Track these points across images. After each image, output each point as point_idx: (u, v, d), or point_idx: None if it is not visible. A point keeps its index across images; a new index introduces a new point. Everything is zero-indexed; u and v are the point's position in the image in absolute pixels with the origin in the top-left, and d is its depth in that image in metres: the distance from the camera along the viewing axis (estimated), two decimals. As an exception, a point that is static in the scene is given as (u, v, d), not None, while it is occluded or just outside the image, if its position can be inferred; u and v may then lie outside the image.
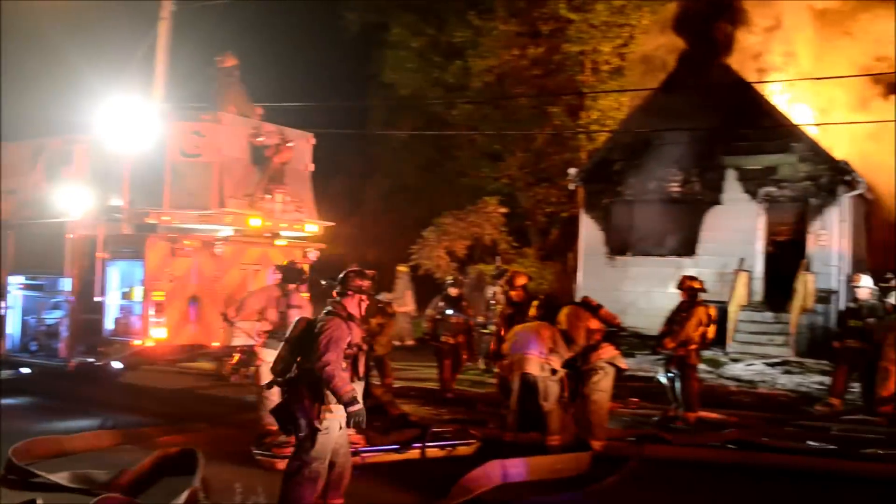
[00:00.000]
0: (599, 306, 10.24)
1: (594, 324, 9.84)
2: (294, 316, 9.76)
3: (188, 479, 7.12)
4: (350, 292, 6.59)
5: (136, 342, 11.75)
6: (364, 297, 6.67)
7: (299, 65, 30.19)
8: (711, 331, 11.77)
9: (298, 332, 6.50)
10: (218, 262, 12.24)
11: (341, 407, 6.21)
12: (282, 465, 8.06)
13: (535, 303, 10.93)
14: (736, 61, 23.25)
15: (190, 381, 14.38)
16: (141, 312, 11.79)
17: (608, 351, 9.80)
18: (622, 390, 11.03)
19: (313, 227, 13.51)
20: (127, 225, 12.22)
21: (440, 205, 27.69)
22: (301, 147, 13.44)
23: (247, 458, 8.36)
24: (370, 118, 31.47)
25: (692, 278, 11.95)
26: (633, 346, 17.90)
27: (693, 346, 11.53)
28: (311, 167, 13.79)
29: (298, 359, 6.40)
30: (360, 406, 6.25)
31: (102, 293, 12.13)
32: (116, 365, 12.31)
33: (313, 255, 13.36)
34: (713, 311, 11.87)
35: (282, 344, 6.59)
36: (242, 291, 12.24)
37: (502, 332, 11.23)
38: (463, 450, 8.94)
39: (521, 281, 12.25)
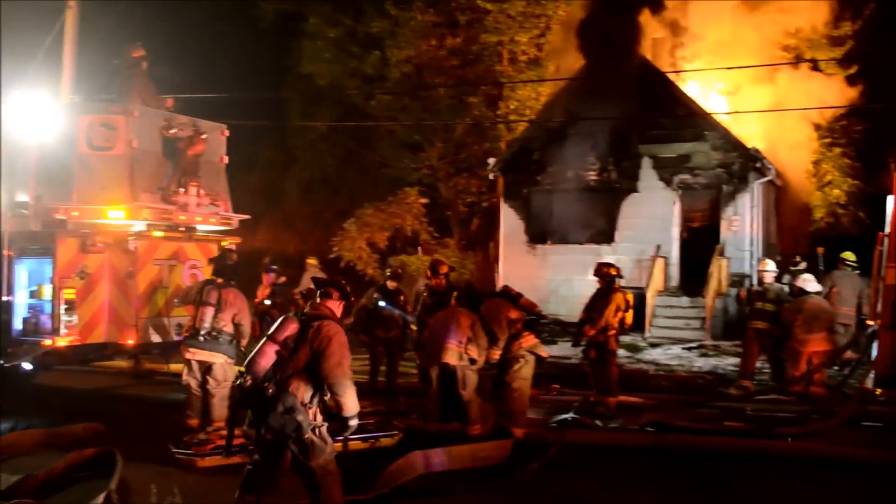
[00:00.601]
0: (519, 295, 10.31)
1: (515, 313, 9.90)
2: (210, 312, 9.63)
3: (105, 481, 6.92)
4: (336, 295, 6.46)
5: (47, 342, 11.35)
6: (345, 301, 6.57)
7: (213, 55, 29.63)
8: (629, 316, 11.98)
9: (293, 332, 6.29)
10: (131, 258, 11.90)
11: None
12: (203, 463, 7.92)
13: (454, 293, 10.94)
14: (650, 51, 23.69)
15: (105, 380, 14.00)
16: (51, 311, 11.41)
17: (529, 339, 9.87)
18: (543, 377, 11.11)
19: (229, 221, 13.26)
20: (34, 221, 11.81)
21: (360, 196, 27.52)
22: (215, 139, 13.17)
23: (167, 457, 8.17)
24: (287, 109, 31.04)
25: (608, 265, 12.13)
26: (554, 334, 18.11)
27: (612, 332, 11.71)
28: (226, 159, 13.53)
29: (296, 360, 6.17)
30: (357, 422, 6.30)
31: (10, 292, 11.71)
32: (27, 366, 11.90)
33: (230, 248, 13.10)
34: (630, 297, 12.07)
35: (264, 341, 6.28)
36: (158, 287, 12.00)
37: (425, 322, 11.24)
38: (385, 441, 8.91)
39: (443, 270, 12.23)
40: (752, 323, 13.21)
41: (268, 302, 17.43)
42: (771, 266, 13.60)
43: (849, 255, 14.66)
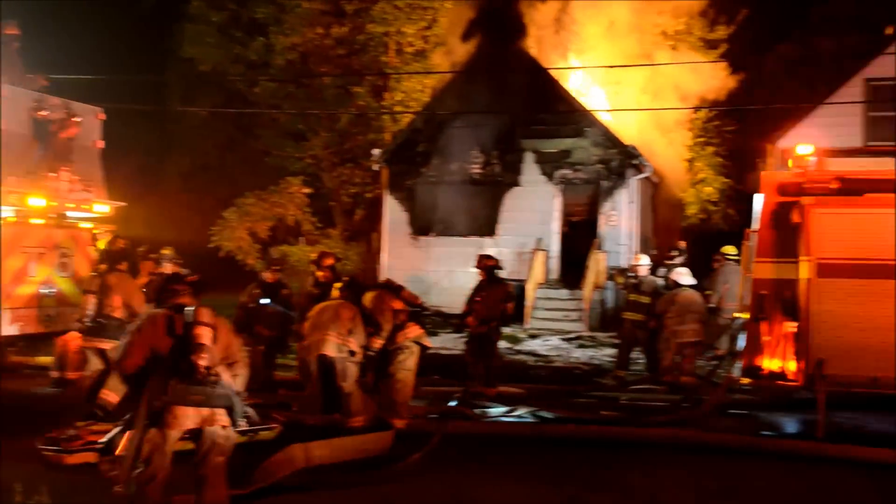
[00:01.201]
0: (401, 287, 10.34)
1: (398, 304, 9.92)
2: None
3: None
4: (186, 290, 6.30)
5: None
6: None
7: (90, 35, 28.50)
8: (510, 307, 12.17)
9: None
10: (-4, 245, 11.34)
11: None
12: (71, 459, 7.60)
13: (337, 284, 10.86)
14: (535, 47, 24.05)
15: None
16: None
17: (413, 330, 9.91)
18: (424, 368, 11.15)
19: (103, 208, 12.80)
20: None
21: (242, 185, 27.01)
22: (90, 122, 12.70)
23: (34, 455, 7.79)
24: (168, 94, 30.17)
25: (488, 257, 12.28)
26: (437, 325, 18.20)
27: (493, 324, 11.87)
28: (101, 144, 13.05)
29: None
30: None
31: None
32: None
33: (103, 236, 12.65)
34: (511, 288, 12.26)
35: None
36: (25, 276, 11.47)
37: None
38: (265, 434, 8.76)
39: (327, 262, 12.10)
40: (627, 314, 13.63)
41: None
42: (644, 260, 14.05)
43: (730, 250, 15.26)
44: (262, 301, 11.71)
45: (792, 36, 33.93)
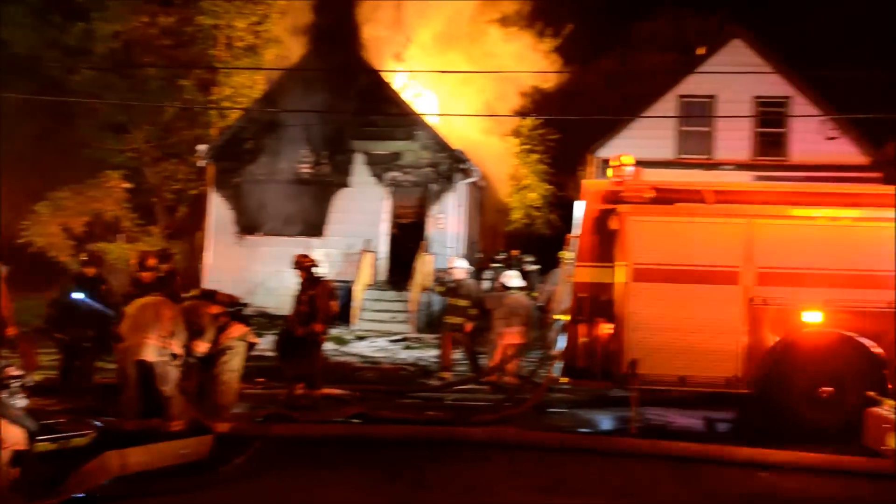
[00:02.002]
0: (214, 291, 10.12)
1: (215, 308, 9.67)
2: None
3: None
4: None
5: None
6: None
7: None
8: (335, 306, 12.11)
9: None
10: None
11: None
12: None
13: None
14: (367, 50, 24.08)
15: None
16: None
17: (238, 329, 9.70)
18: (248, 371, 10.93)
19: None
20: None
21: (57, 178, 25.49)
22: None
23: None
24: (-26, 77, 28.13)
25: (305, 256, 12.16)
26: (262, 327, 17.84)
27: (319, 325, 11.77)
28: None
29: None
30: None
31: None
32: None
33: None
34: (333, 286, 12.19)
35: None
36: None
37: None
38: (78, 441, 8.31)
39: (150, 262, 11.58)
40: (447, 318, 13.90)
41: None
42: (460, 263, 14.33)
43: (566, 255, 15.70)
44: (75, 296, 10.83)
45: (613, 51, 35.60)
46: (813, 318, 9.77)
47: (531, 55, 25.81)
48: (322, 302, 11.70)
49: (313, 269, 11.97)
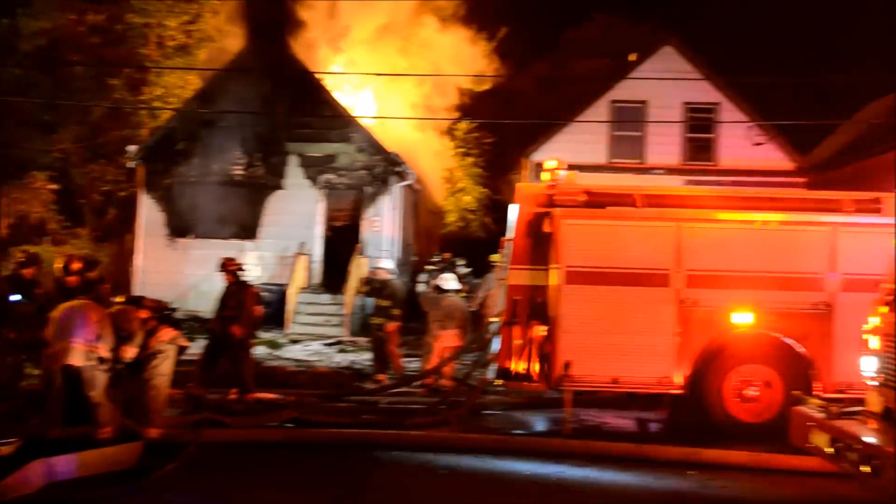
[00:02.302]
0: (141, 297, 9.96)
1: (143, 313, 9.49)
2: None
3: None
4: None
5: None
6: None
7: None
8: (259, 311, 12.00)
9: None
10: None
11: None
12: None
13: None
14: (302, 52, 23.90)
15: None
16: None
17: (167, 332, 9.52)
18: (179, 376, 10.74)
19: None
20: None
21: (-22, 178, 24.78)
22: None
23: None
24: None
25: (231, 259, 12.03)
26: (194, 331, 17.56)
27: (249, 329, 11.64)
28: None
29: None
30: None
31: None
32: None
33: None
34: (258, 290, 12.08)
35: None
36: None
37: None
38: (2, 450, 8.07)
39: (74, 266, 11.24)
40: (372, 319, 13.90)
41: None
42: (384, 264, 14.33)
43: (496, 258, 15.74)
44: (13, 298, 10.49)
45: (547, 55, 35.97)
46: (742, 319, 9.99)
47: (467, 49, 25.95)
48: (248, 306, 11.58)
49: (239, 273, 11.84)
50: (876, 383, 6.68)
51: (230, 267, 11.81)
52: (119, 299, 10.51)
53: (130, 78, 26.02)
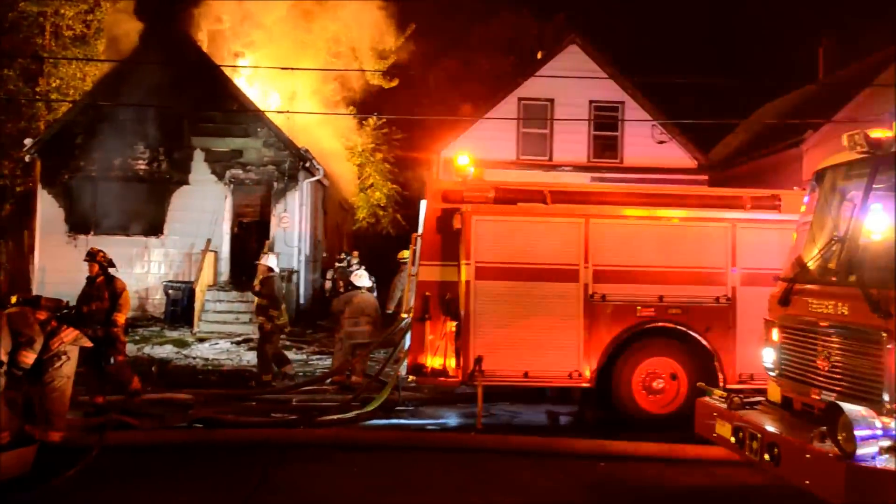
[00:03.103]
0: (39, 297, 9.61)
1: (42, 314, 9.14)
2: None
3: None
4: None
5: None
6: None
7: None
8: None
9: None
10: None
11: None
12: None
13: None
14: (209, 44, 23.46)
15: None
16: None
17: (70, 333, 9.19)
18: (79, 377, 10.40)
19: None
20: None
21: None
22: None
23: None
24: None
25: (100, 251, 11.68)
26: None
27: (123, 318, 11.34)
28: None
29: None
30: None
31: None
32: None
33: None
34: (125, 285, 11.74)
35: None
36: None
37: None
38: None
39: None
40: (256, 318, 13.74)
41: None
42: (268, 260, 14.12)
43: (404, 254, 15.69)
44: None
45: (455, 52, 36.13)
46: (647, 313, 10.22)
47: (376, 40, 25.87)
48: (123, 298, 11.25)
49: (107, 266, 11.50)
50: (775, 374, 6.92)
51: (99, 257, 11.43)
52: (14, 299, 10.11)
53: (25, 69, 25.09)
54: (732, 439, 6.69)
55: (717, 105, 27.49)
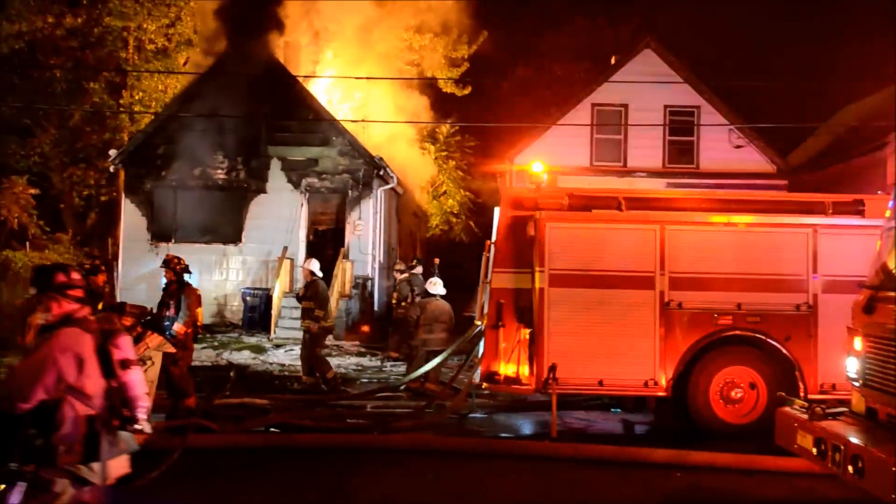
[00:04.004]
0: (123, 303, 9.88)
1: (127, 320, 9.40)
2: None
3: None
4: None
5: None
6: None
7: None
8: (201, 313, 11.88)
9: None
10: None
11: None
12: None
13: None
14: (284, 53, 23.88)
15: None
16: None
17: (154, 339, 9.44)
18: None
19: None
20: None
21: (-44, 183, 24.56)
22: None
23: None
24: None
25: (178, 258, 11.87)
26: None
27: (190, 330, 11.51)
28: None
29: None
30: None
31: None
32: None
33: None
34: (199, 293, 11.93)
35: None
36: None
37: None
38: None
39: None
40: (304, 321, 13.81)
41: None
42: (308, 265, 14.21)
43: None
44: None
45: (528, 59, 36.08)
46: (725, 321, 10.04)
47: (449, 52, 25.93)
48: (191, 307, 11.42)
49: (183, 273, 11.70)
50: (859, 384, 6.74)
51: (174, 265, 11.65)
52: (98, 306, 10.43)
53: (110, 81, 25.89)
54: (814, 450, 6.53)
55: (796, 107, 26.89)
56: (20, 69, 25.12)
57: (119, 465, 5.27)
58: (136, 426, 5.25)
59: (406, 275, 16.72)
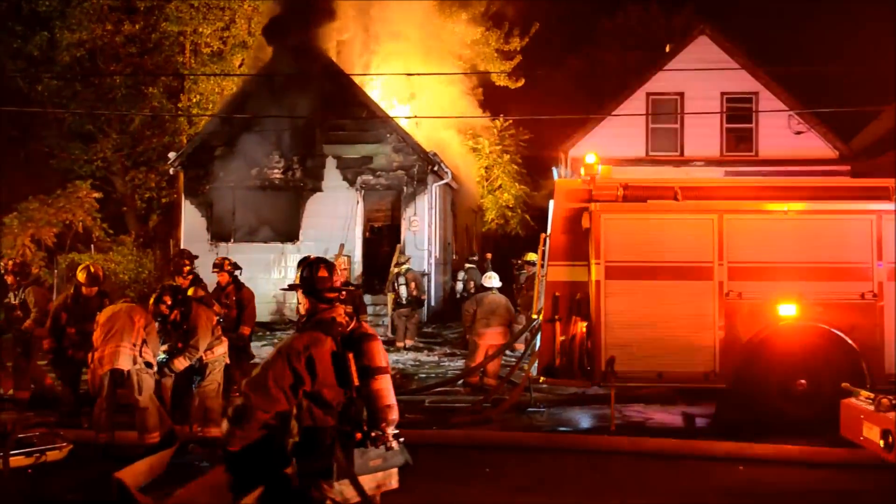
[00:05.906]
0: (210, 300, 10.09)
1: (213, 318, 9.61)
2: None
3: None
4: None
5: None
6: None
7: None
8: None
9: None
10: None
11: None
12: None
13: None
14: (337, 52, 24.04)
15: None
16: None
17: (221, 346, 9.70)
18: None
19: None
20: None
21: (23, 189, 25.16)
22: None
23: None
24: (-64, 88, 27.74)
25: (228, 259, 12.04)
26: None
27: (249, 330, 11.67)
28: None
29: None
30: None
31: None
32: None
33: None
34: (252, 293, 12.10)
35: None
36: None
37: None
38: (54, 455, 8.18)
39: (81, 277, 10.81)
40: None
41: None
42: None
43: (532, 256, 15.67)
44: None
45: (580, 50, 35.79)
46: (787, 311, 9.84)
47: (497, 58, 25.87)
48: (249, 305, 11.59)
49: (235, 273, 11.88)
50: (928, 373, 6.56)
51: (227, 267, 11.82)
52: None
53: (168, 86, 26.35)
54: (881, 442, 6.39)
55: (859, 91, 26.23)
56: (82, 77, 25.69)
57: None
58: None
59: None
